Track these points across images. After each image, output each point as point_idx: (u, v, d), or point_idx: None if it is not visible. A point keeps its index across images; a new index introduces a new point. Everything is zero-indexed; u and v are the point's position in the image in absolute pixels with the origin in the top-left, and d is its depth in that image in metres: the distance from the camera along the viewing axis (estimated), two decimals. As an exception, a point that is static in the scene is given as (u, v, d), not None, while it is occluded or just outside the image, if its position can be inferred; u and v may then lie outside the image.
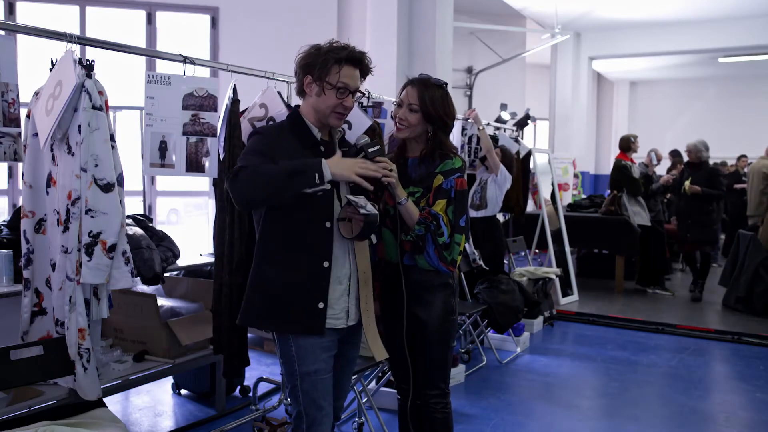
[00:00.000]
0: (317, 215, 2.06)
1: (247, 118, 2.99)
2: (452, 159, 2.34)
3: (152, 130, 2.80)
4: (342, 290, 2.11)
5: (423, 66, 5.52)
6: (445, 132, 2.39)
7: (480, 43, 10.69)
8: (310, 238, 2.06)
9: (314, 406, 2.10)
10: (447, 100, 2.37)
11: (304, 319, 2.05)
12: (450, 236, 2.28)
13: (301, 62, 2.12)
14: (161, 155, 2.82)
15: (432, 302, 2.34)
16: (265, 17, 6.45)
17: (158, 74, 2.80)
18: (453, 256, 2.31)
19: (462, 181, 2.32)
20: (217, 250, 2.97)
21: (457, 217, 2.30)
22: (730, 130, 14.96)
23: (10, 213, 4.03)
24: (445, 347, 2.40)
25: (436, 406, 2.41)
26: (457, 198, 2.30)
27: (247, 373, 4.08)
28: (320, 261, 2.05)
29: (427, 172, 2.33)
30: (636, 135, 7.33)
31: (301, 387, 2.09)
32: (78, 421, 2.19)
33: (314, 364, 2.08)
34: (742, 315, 6.31)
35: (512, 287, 4.88)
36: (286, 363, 2.13)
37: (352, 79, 2.09)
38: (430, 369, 2.39)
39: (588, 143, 13.37)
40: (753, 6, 9.59)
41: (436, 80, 2.39)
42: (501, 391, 4.20)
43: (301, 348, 2.08)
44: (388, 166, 2.15)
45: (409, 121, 2.35)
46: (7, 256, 2.64)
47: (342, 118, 2.15)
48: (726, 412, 3.95)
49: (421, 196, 2.31)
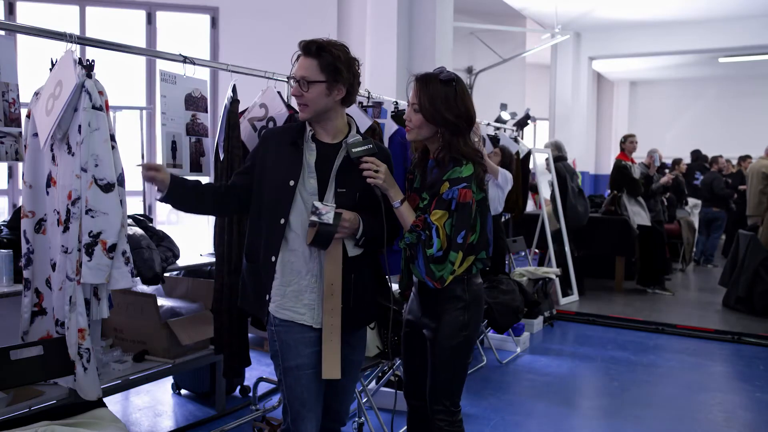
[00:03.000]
0: (274, 212, 2.11)
1: (247, 119, 2.99)
2: (462, 166, 2.13)
3: (166, 129, 2.79)
4: (305, 287, 2.11)
5: (423, 66, 5.51)
6: (456, 133, 2.15)
7: (480, 43, 10.68)
8: (265, 233, 2.13)
9: (297, 400, 2.12)
10: (455, 97, 2.14)
11: (255, 308, 2.21)
12: (442, 251, 2.09)
13: None
14: (173, 155, 2.83)
15: (440, 316, 2.22)
16: (265, 17, 6.45)
17: (170, 73, 2.80)
18: (443, 273, 2.11)
19: (466, 193, 2.10)
20: (217, 250, 2.97)
21: (456, 232, 2.09)
22: (730, 130, 14.96)
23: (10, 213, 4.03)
24: (452, 365, 2.24)
25: (441, 423, 2.26)
26: (458, 211, 2.10)
27: (247, 373, 4.08)
28: (269, 255, 2.11)
29: (437, 177, 2.15)
30: (629, 135, 7.33)
31: (285, 381, 2.13)
32: (78, 421, 2.19)
33: (296, 359, 2.11)
34: (742, 315, 6.31)
35: (512, 287, 4.87)
36: (274, 358, 2.18)
37: (301, 69, 2.07)
38: (434, 384, 2.28)
39: (588, 143, 13.36)
40: (753, 6, 9.59)
41: (444, 75, 2.16)
42: (501, 391, 4.20)
43: (284, 343, 2.12)
44: (374, 167, 2.08)
45: (412, 121, 2.20)
46: (7, 256, 2.64)
47: (302, 110, 2.10)
48: (726, 412, 3.95)
49: (429, 203, 2.15)
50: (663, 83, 16.55)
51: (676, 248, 9.09)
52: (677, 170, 9.51)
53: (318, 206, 2.03)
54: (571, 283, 6.88)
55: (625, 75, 16.15)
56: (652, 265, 7.32)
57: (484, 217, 2.24)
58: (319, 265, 2.11)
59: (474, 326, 2.25)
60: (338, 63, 2.05)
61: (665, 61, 13.55)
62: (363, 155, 2.09)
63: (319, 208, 2.02)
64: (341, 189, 2.11)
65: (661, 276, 7.43)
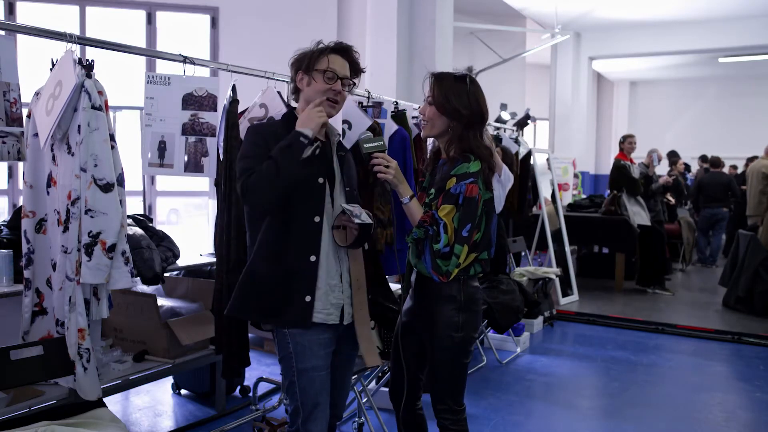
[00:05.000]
0: (307, 210, 2.08)
1: (247, 118, 2.99)
2: (470, 162, 2.18)
3: (152, 130, 2.81)
4: (333, 287, 2.11)
5: (423, 66, 5.52)
6: (468, 127, 2.21)
7: (480, 43, 10.68)
8: (299, 233, 2.07)
9: (311, 402, 2.11)
10: (468, 93, 2.20)
11: (292, 312, 2.07)
12: (449, 246, 2.14)
13: (292, 62, 2.19)
14: (160, 155, 2.83)
15: (434, 316, 2.25)
16: (265, 17, 6.45)
17: (158, 75, 2.81)
18: (449, 267, 2.16)
19: (473, 188, 2.15)
20: (217, 251, 2.97)
21: (462, 225, 2.14)
22: (731, 130, 14.97)
23: (10, 213, 4.02)
24: (450, 365, 2.27)
25: (445, 422, 2.30)
26: (465, 205, 2.15)
27: (247, 373, 4.09)
28: (307, 255, 2.07)
29: (445, 173, 2.21)
30: (627, 135, 7.34)
31: (298, 383, 2.11)
32: (78, 421, 2.19)
33: (311, 361, 2.09)
34: (742, 315, 6.31)
35: (512, 287, 4.87)
36: (284, 359, 2.14)
37: (339, 66, 2.14)
38: (436, 385, 2.31)
39: (588, 143, 13.36)
40: (753, 6, 9.59)
41: (458, 73, 2.26)
42: (501, 391, 4.20)
43: (298, 345, 2.09)
44: (385, 162, 2.15)
45: (427, 114, 2.26)
46: (7, 256, 2.64)
47: (334, 107, 2.14)
48: (726, 412, 3.94)
49: (434, 197, 2.20)
50: (663, 83, 16.55)
51: (676, 248, 9.09)
52: (675, 170, 9.51)
53: (350, 208, 2.06)
54: (571, 283, 6.88)
55: (625, 75, 16.15)
56: (652, 265, 7.33)
57: (490, 217, 2.27)
58: (342, 263, 2.14)
59: (470, 328, 2.26)
60: None
61: (665, 61, 13.56)
62: (374, 151, 2.15)
63: (352, 210, 2.05)
64: (348, 188, 2.19)
65: (661, 276, 7.43)
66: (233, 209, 2.85)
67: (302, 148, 1.98)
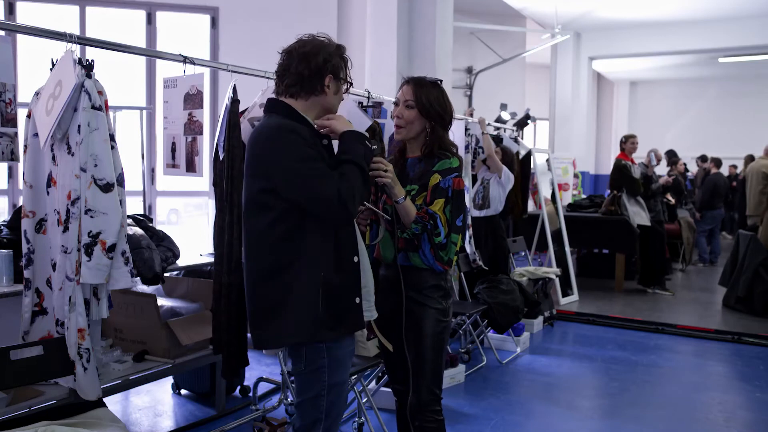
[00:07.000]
0: None
1: (247, 118, 2.99)
2: (450, 158, 2.34)
3: (167, 132, 2.83)
4: (367, 283, 2.12)
5: (423, 66, 5.52)
6: (444, 128, 2.39)
7: (480, 43, 10.68)
8: (345, 236, 2.02)
9: (336, 415, 2.09)
10: (443, 97, 2.38)
11: (351, 317, 2.01)
12: (447, 236, 2.29)
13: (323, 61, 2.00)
14: (172, 156, 2.85)
15: (426, 304, 2.34)
16: (265, 17, 6.45)
17: (172, 78, 2.82)
18: (449, 255, 2.32)
19: (459, 181, 2.33)
20: (217, 250, 2.97)
21: (454, 216, 2.31)
22: (731, 130, 14.97)
23: (10, 213, 4.03)
24: (438, 351, 2.37)
25: (434, 414, 2.37)
26: (455, 197, 2.31)
27: (247, 373, 4.09)
28: (350, 256, 2.04)
29: (424, 169, 2.34)
30: (629, 135, 7.34)
31: (327, 397, 2.03)
32: (78, 421, 2.19)
33: (344, 375, 2.07)
34: (742, 315, 6.31)
35: (512, 287, 4.88)
36: (311, 372, 2.00)
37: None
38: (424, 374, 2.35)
39: (588, 143, 13.37)
40: (753, 6, 9.59)
41: (431, 79, 2.41)
42: (501, 391, 4.20)
43: (334, 359, 2.01)
44: (383, 167, 2.19)
45: (405, 117, 2.35)
46: (7, 256, 2.64)
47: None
48: (726, 412, 3.94)
49: (416, 193, 2.32)
50: (663, 83, 16.55)
51: (676, 248, 9.09)
52: (675, 170, 9.51)
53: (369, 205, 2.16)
54: (571, 283, 6.88)
55: (625, 75, 16.16)
56: (652, 265, 7.33)
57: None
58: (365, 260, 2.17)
59: (451, 314, 2.43)
60: None
61: (665, 61, 13.56)
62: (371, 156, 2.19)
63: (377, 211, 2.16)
64: None
65: (661, 276, 7.43)
66: (235, 209, 2.85)
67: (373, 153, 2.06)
